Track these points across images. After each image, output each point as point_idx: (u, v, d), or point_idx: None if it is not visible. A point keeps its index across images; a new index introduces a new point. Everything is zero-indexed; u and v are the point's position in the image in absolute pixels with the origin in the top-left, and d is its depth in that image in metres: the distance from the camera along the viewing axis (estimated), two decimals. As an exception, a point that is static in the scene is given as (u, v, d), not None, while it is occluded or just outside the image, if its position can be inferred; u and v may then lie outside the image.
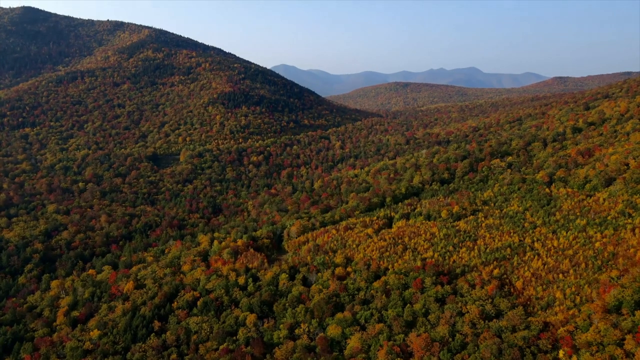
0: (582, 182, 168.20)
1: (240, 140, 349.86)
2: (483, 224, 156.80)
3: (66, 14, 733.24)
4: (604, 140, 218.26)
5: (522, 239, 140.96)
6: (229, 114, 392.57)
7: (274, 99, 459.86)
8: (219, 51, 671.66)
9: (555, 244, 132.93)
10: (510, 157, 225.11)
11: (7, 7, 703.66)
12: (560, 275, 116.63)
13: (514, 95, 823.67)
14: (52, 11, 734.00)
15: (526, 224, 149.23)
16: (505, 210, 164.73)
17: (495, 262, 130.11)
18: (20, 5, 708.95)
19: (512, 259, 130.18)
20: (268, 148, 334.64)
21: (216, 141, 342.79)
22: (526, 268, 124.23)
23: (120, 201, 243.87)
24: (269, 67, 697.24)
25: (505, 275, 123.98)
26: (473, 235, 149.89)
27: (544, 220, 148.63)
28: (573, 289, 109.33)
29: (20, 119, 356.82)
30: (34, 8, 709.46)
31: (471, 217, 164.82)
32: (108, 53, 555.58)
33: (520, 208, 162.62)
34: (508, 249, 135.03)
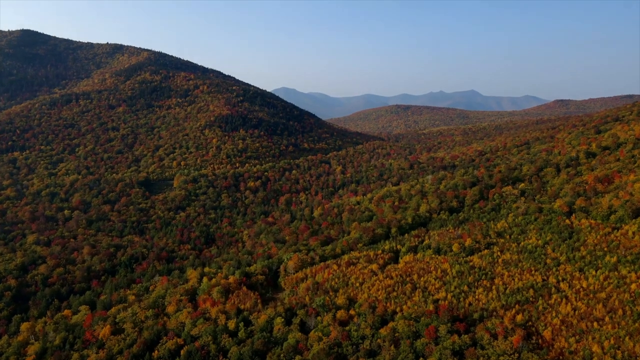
0: (606, 213, 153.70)
1: (237, 164, 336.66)
2: (499, 260, 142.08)
3: (70, 38, 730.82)
4: (622, 166, 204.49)
5: (545, 278, 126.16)
6: (226, 137, 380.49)
7: (272, 122, 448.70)
8: (219, 74, 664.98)
9: (585, 284, 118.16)
10: (522, 184, 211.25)
11: (7, 30, 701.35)
12: (595, 324, 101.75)
13: (517, 118, 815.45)
14: (53, 34, 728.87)
15: (548, 261, 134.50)
16: (523, 243, 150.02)
17: (517, 306, 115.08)
18: (19, 29, 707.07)
19: (537, 302, 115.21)
20: (266, 173, 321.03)
21: (212, 166, 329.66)
22: (554, 314, 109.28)
23: (107, 230, 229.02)
24: (269, 90, 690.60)
25: (530, 323, 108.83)
26: (489, 272, 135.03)
27: (568, 256, 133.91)
28: (612, 342, 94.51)
29: (9, 143, 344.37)
30: (33, 31, 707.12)
31: (485, 251, 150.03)
32: (105, 75, 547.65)
33: (540, 241, 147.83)
34: (530, 290, 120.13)
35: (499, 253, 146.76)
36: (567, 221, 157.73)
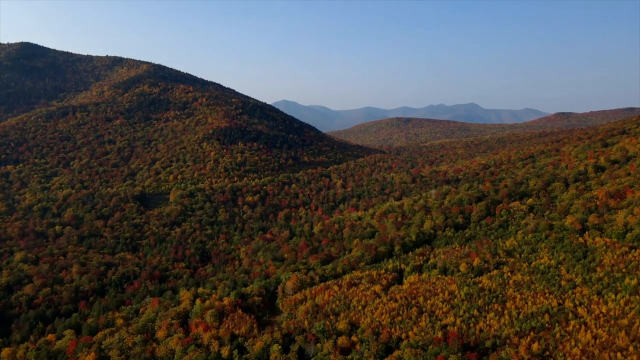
0: (621, 231, 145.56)
1: (236, 178, 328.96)
2: (510, 281, 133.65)
3: (70, 51, 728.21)
4: (633, 180, 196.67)
5: (561, 301, 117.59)
6: (224, 150, 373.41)
7: (272, 135, 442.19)
8: (218, 86, 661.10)
9: (604, 310, 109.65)
10: (530, 199, 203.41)
11: (6, 42, 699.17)
12: (619, 354, 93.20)
13: (519, 130, 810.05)
14: (53, 48, 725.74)
15: (563, 282, 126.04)
16: (534, 263, 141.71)
17: (532, 333, 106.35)
18: (19, 42, 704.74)
19: (553, 329, 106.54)
20: (265, 187, 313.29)
21: (209, 179, 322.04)
22: (573, 342, 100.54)
23: (99, 247, 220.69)
24: (270, 102, 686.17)
25: (547, 352, 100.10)
26: (500, 295, 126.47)
27: (584, 277, 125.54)
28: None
29: (3, 156, 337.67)
30: (32, 44, 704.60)
31: (495, 271, 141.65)
32: (104, 88, 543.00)
33: (553, 261, 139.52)
34: (546, 315, 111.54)
35: (509, 274, 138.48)
36: (580, 239, 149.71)
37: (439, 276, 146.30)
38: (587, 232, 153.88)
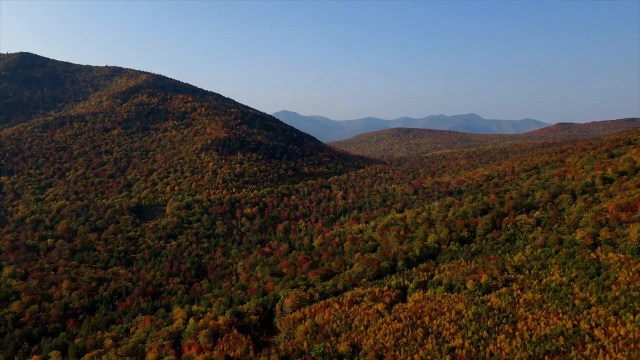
0: (635, 246, 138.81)
1: (234, 189, 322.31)
2: (520, 300, 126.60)
3: (69, 61, 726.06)
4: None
5: (576, 322, 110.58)
6: (223, 161, 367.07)
7: (271, 145, 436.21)
8: (218, 96, 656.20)
9: (622, 332, 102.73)
10: (537, 212, 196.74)
11: (5, 52, 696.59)
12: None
13: (520, 141, 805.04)
14: (52, 58, 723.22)
15: (577, 302, 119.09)
16: (545, 280, 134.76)
17: (547, 358, 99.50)
18: (18, 52, 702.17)
19: (569, 353, 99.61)
20: (264, 198, 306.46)
21: (207, 191, 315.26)
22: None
23: (91, 262, 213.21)
24: (270, 113, 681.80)
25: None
26: (511, 315, 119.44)
27: (599, 296, 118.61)
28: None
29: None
30: (31, 54, 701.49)
31: (504, 289, 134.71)
32: (102, 98, 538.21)
33: (564, 278, 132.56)
34: (561, 338, 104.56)
35: (519, 291, 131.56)
36: (593, 255, 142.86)
37: (445, 294, 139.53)
38: (599, 247, 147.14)
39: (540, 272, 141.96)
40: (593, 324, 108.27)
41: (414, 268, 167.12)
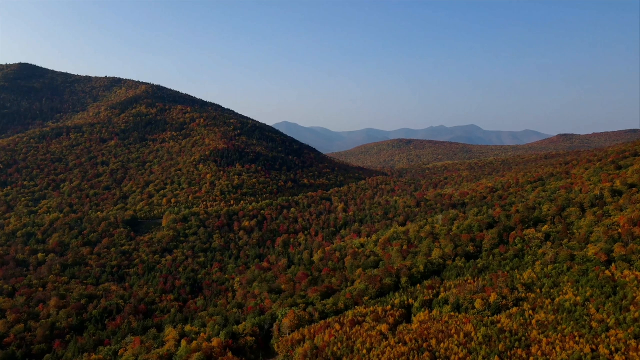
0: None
1: (232, 202, 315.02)
2: (533, 321, 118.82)
3: (69, 72, 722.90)
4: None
5: (594, 347, 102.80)
6: (221, 172, 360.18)
7: (271, 157, 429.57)
8: (218, 107, 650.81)
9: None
10: (545, 226, 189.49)
11: (4, 63, 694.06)
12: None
13: (522, 152, 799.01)
14: (52, 69, 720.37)
15: (594, 324, 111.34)
16: (558, 300, 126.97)
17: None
18: (17, 62, 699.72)
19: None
20: (262, 211, 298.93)
21: (205, 203, 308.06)
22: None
23: (82, 277, 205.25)
24: (271, 124, 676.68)
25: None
26: (523, 338, 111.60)
27: (617, 318, 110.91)
28: None
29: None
30: (30, 65, 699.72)
31: (515, 309, 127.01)
32: (100, 109, 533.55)
33: (579, 298, 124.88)
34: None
35: (531, 312, 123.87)
36: (607, 272, 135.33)
37: (452, 314, 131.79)
38: (613, 264, 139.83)
39: (552, 290, 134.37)
40: (613, 349, 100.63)
41: (418, 285, 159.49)
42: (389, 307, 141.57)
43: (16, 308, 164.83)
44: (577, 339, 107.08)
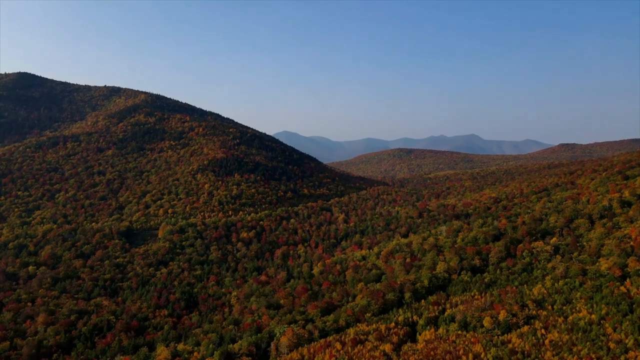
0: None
1: (230, 212, 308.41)
2: (546, 341, 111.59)
3: (68, 81, 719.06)
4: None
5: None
6: (219, 182, 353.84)
7: (270, 166, 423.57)
8: (217, 116, 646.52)
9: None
10: (553, 239, 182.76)
11: (3, 72, 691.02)
12: None
13: (524, 162, 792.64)
14: (51, 78, 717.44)
15: (612, 345, 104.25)
16: (572, 318, 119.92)
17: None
18: (16, 72, 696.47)
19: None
20: (261, 222, 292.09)
21: (202, 214, 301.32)
22: None
23: (73, 291, 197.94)
24: (271, 133, 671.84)
25: None
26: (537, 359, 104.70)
27: (636, 339, 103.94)
28: None
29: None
30: (29, 74, 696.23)
31: (526, 327, 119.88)
32: (99, 118, 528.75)
33: (594, 316, 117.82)
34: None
35: (543, 331, 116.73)
36: (622, 288, 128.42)
37: (459, 332, 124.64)
38: (628, 280, 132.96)
39: (564, 307, 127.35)
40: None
41: (422, 301, 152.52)
42: (393, 324, 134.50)
43: (2, 325, 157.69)
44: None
